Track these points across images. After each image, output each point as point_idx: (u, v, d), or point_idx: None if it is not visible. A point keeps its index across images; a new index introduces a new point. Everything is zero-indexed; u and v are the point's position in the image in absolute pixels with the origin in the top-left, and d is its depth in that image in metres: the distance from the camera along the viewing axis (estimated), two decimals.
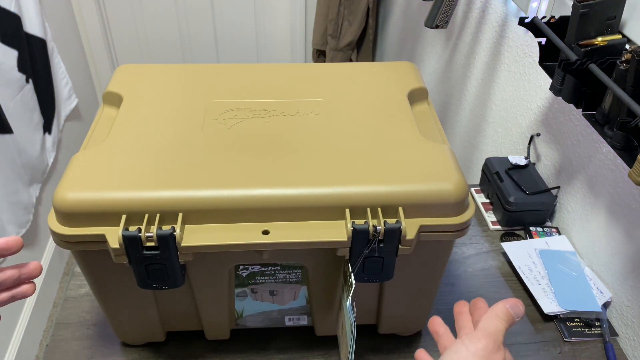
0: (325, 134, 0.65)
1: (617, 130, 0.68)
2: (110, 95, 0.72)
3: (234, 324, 0.72)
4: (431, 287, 0.69)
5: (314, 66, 0.83)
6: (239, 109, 0.69)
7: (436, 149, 0.63)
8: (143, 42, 2.34)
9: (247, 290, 0.67)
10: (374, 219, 0.56)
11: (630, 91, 0.65)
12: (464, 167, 1.39)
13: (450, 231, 0.58)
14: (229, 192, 0.56)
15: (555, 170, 0.97)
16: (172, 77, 0.76)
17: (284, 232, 0.56)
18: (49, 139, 1.71)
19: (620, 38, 0.73)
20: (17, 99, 1.50)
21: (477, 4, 1.24)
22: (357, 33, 2.10)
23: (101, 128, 0.68)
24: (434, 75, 1.57)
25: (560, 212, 0.95)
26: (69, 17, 2.12)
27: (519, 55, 1.07)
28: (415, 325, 0.75)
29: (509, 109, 1.12)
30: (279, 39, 2.40)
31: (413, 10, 1.76)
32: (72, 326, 0.76)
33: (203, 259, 0.59)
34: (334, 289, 0.66)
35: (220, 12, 2.29)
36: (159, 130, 0.65)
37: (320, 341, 0.74)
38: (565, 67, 0.74)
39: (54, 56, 1.76)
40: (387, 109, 0.70)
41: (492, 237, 0.94)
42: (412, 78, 0.77)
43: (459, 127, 1.42)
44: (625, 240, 0.79)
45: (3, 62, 1.44)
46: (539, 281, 0.83)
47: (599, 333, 0.77)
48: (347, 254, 0.58)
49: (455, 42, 1.40)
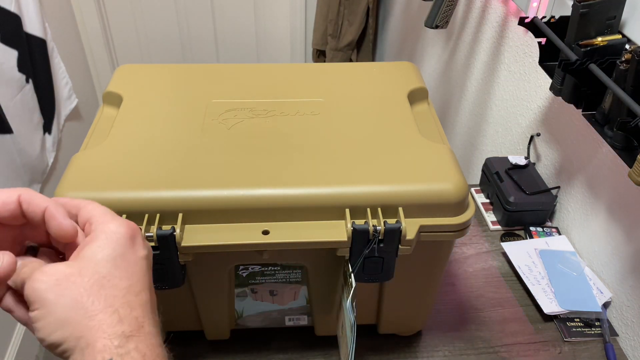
0: (325, 134, 0.65)
1: (617, 130, 0.68)
2: (110, 95, 0.72)
3: (234, 324, 0.72)
4: (431, 287, 0.69)
5: (314, 66, 0.83)
6: (239, 109, 0.69)
7: (436, 149, 0.63)
8: (143, 42, 2.34)
9: (247, 290, 0.67)
10: (374, 219, 0.56)
11: (630, 91, 0.65)
12: (464, 167, 1.39)
13: (450, 231, 0.58)
14: (229, 192, 0.56)
15: (555, 170, 0.97)
16: (172, 77, 0.76)
17: (284, 232, 0.56)
18: (49, 139, 1.71)
19: (620, 38, 0.73)
20: (17, 99, 1.50)
21: (477, 4, 1.24)
22: (357, 33, 2.10)
23: (101, 128, 0.68)
24: (434, 75, 1.57)
25: (560, 212, 0.95)
26: (69, 17, 2.12)
27: (519, 55, 1.07)
28: (415, 325, 0.75)
29: (509, 109, 1.12)
30: (279, 39, 2.40)
31: (413, 10, 1.76)
32: None
33: (203, 259, 0.59)
34: (334, 289, 0.66)
35: (220, 12, 2.29)
36: (159, 130, 0.65)
37: (320, 341, 0.74)
38: (565, 67, 0.74)
39: (54, 56, 1.76)
40: (387, 109, 0.70)
41: (492, 237, 0.94)
42: (412, 78, 0.77)
43: (459, 127, 1.42)
44: (625, 240, 0.79)
45: (3, 62, 1.44)
46: (539, 281, 0.83)
47: (599, 333, 0.77)
48: (347, 254, 0.58)
49: (455, 42, 1.40)
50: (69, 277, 0.36)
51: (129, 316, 0.36)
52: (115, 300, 0.36)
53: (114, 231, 0.38)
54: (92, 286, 0.36)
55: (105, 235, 0.38)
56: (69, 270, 0.36)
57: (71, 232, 0.39)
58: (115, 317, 0.35)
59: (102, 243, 0.38)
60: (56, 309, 0.35)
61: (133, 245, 0.39)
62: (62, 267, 0.36)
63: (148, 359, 0.35)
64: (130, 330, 0.35)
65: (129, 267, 0.38)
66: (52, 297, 0.35)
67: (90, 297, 0.35)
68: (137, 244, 0.39)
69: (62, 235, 0.38)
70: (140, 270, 0.39)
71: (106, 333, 0.34)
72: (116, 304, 0.36)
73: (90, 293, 0.35)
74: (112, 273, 0.37)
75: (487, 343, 0.76)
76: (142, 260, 0.39)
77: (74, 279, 0.36)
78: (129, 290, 0.37)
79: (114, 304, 0.36)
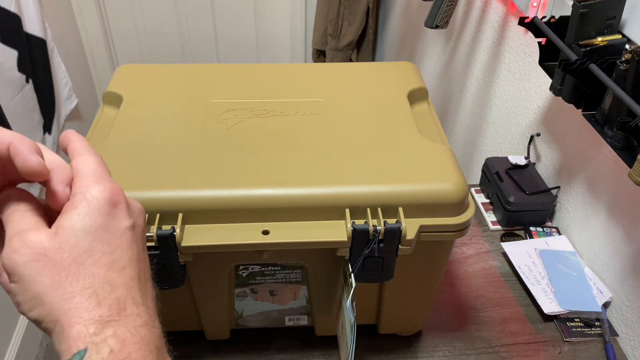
0: (325, 134, 0.65)
1: (617, 130, 0.68)
2: (110, 95, 0.72)
3: (234, 324, 0.72)
4: (431, 287, 0.69)
5: (314, 66, 0.83)
6: (239, 109, 0.69)
7: (436, 149, 0.63)
8: (143, 42, 2.34)
9: (247, 290, 0.67)
10: (374, 219, 0.56)
11: (630, 91, 0.65)
12: (464, 167, 1.39)
13: (450, 231, 0.58)
14: (229, 192, 0.56)
15: (555, 170, 0.97)
16: (172, 77, 0.76)
17: (284, 232, 0.56)
18: (49, 139, 1.71)
19: (620, 38, 0.73)
20: (17, 99, 1.50)
21: (477, 4, 1.24)
22: (357, 33, 2.10)
23: (101, 128, 0.68)
24: (434, 75, 1.57)
25: (560, 212, 0.95)
26: (69, 17, 2.12)
27: (519, 55, 1.07)
28: (415, 325, 0.75)
29: (509, 109, 1.12)
30: (279, 39, 2.40)
31: (413, 10, 1.76)
32: None
33: (203, 259, 0.59)
34: (334, 289, 0.66)
35: (221, 12, 2.29)
36: (159, 130, 0.65)
37: (320, 341, 0.74)
38: (565, 67, 0.74)
39: (54, 56, 1.76)
40: (387, 109, 0.70)
41: (492, 237, 0.94)
42: (412, 78, 0.77)
43: (459, 127, 1.42)
44: (625, 240, 0.79)
45: (3, 62, 1.44)
46: (539, 281, 0.83)
47: (599, 333, 0.77)
48: (347, 254, 0.58)
49: (455, 42, 1.40)
50: (48, 253, 0.33)
51: (108, 297, 0.33)
52: (95, 279, 0.33)
53: (96, 197, 0.35)
54: (72, 264, 0.33)
55: (87, 202, 0.34)
56: (49, 244, 0.33)
57: (37, 169, 0.34)
58: (93, 300, 0.32)
59: (82, 211, 0.34)
60: (34, 287, 0.32)
61: (115, 214, 0.35)
62: (44, 237, 0.33)
63: (129, 344, 0.32)
64: (109, 314, 0.32)
65: (112, 239, 0.35)
66: (30, 274, 0.32)
67: (68, 277, 0.33)
68: (120, 212, 0.36)
69: (29, 173, 0.34)
70: (124, 243, 0.35)
71: (82, 318, 0.32)
72: (95, 284, 0.33)
73: (69, 272, 0.33)
74: (93, 247, 0.34)
75: (487, 343, 0.76)
76: (127, 231, 0.36)
77: (53, 254, 0.33)
78: (111, 267, 0.34)
79: (93, 285, 0.33)
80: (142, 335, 0.33)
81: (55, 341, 0.32)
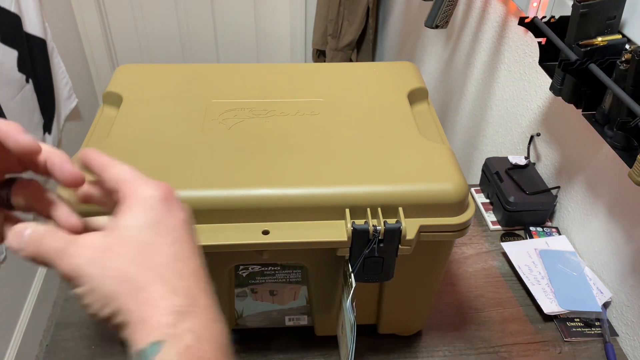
0: (325, 134, 0.65)
1: (617, 130, 0.68)
2: (110, 95, 0.72)
3: (234, 324, 0.72)
4: (431, 287, 0.69)
5: (314, 66, 0.83)
6: (239, 109, 0.69)
7: (436, 149, 0.63)
8: (143, 42, 2.34)
9: (247, 290, 0.67)
10: (374, 219, 0.56)
11: (630, 91, 0.65)
12: (464, 167, 1.39)
13: (450, 231, 0.58)
14: (229, 192, 0.56)
15: (555, 170, 0.97)
16: (172, 77, 0.76)
17: (284, 232, 0.56)
18: (49, 139, 1.71)
19: (620, 38, 0.73)
20: (17, 99, 1.50)
21: (477, 4, 1.24)
22: (357, 33, 2.10)
23: (101, 128, 0.68)
24: (434, 75, 1.57)
25: (560, 212, 0.95)
26: (69, 17, 2.12)
27: (519, 55, 1.07)
28: (415, 325, 0.75)
29: (509, 109, 1.12)
30: (279, 39, 2.40)
31: (413, 10, 1.76)
32: (72, 326, 0.76)
33: (203, 258, 0.59)
34: (334, 289, 0.66)
35: (221, 12, 2.29)
36: (159, 130, 0.65)
37: (320, 341, 0.74)
38: (565, 67, 0.74)
39: (54, 56, 1.76)
40: (387, 109, 0.70)
41: (492, 237, 0.94)
42: (412, 78, 0.77)
43: (459, 127, 1.42)
44: (625, 240, 0.79)
45: (3, 62, 1.44)
46: (539, 281, 0.83)
47: (599, 333, 0.77)
48: (347, 254, 0.58)
49: (455, 42, 1.40)
50: (111, 248, 0.32)
51: (181, 286, 0.32)
52: (163, 269, 0.32)
53: (150, 195, 0.34)
54: (137, 255, 0.32)
55: (141, 201, 0.34)
56: (108, 240, 0.33)
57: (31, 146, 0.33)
58: (168, 288, 0.31)
59: (138, 210, 0.34)
60: (102, 284, 0.31)
61: (170, 207, 0.35)
62: (99, 237, 0.33)
63: (204, 342, 0.31)
64: (186, 303, 0.32)
65: (171, 232, 0.34)
66: (96, 271, 0.31)
67: (137, 268, 0.32)
68: (174, 205, 0.35)
69: (22, 151, 0.33)
70: (184, 234, 0.35)
71: (159, 307, 0.31)
72: (166, 273, 0.32)
73: (136, 262, 0.32)
74: (155, 240, 0.33)
75: (487, 343, 0.76)
76: (184, 223, 0.35)
77: (116, 248, 0.32)
78: (176, 257, 0.33)
79: (163, 274, 0.32)
80: (215, 332, 0.32)
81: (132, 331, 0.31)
